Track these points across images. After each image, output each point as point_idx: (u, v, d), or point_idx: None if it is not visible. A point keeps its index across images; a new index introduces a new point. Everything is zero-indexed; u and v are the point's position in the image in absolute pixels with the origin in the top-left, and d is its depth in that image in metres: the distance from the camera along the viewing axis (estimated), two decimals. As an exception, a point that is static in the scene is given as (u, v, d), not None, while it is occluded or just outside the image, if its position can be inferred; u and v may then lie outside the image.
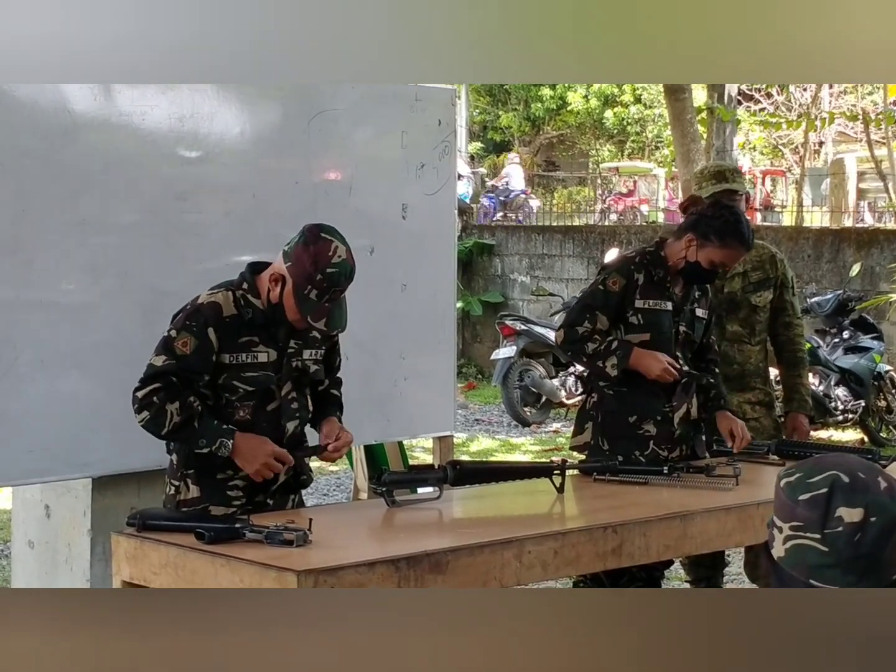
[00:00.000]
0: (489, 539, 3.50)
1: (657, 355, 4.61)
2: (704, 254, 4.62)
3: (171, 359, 3.73)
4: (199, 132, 4.71)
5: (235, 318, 3.79)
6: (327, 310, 3.74)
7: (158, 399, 3.70)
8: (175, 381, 3.73)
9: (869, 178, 18.23)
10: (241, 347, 3.80)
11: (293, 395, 3.90)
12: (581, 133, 26.53)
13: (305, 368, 3.92)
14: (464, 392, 13.31)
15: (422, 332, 5.53)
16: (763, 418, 5.33)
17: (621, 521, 3.75)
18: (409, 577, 3.27)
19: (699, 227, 4.65)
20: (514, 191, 20.75)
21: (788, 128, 15.92)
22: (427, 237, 5.50)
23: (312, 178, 5.05)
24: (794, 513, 1.93)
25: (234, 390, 3.81)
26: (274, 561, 3.18)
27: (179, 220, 4.65)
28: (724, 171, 5.32)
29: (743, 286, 5.30)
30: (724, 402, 4.82)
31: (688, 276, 4.71)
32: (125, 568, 3.51)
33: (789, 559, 1.93)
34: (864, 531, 1.89)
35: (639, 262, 4.73)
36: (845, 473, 1.94)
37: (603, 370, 4.60)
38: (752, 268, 5.32)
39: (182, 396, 3.72)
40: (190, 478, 3.85)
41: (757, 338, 5.34)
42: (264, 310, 3.81)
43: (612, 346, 4.59)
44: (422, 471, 4.17)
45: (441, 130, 5.51)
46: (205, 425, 3.72)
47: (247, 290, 3.82)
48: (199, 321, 3.76)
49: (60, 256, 4.37)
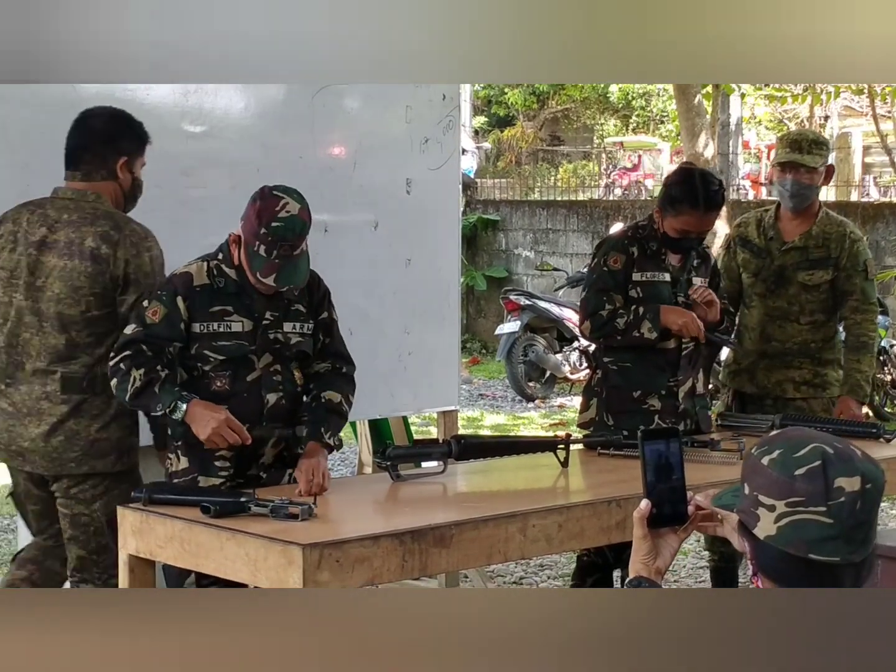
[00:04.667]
0: (493, 513, 3.51)
1: (679, 309, 4.64)
2: (668, 223, 4.66)
3: (139, 326, 3.78)
4: (204, 107, 4.71)
5: (206, 287, 3.83)
6: (277, 266, 3.74)
7: (125, 365, 3.75)
8: (145, 349, 3.76)
9: (874, 152, 18.18)
10: (213, 316, 3.82)
11: (276, 367, 3.89)
12: (586, 107, 26.42)
13: (286, 341, 3.90)
14: (468, 367, 13.31)
15: (426, 307, 5.53)
16: (811, 399, 5.14)
17: (625, 495, 3.75)
18: (413, 550, 3.28)
19: (661, 197, 4.72)
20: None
21: (794, 102, 15.87)
22: (431, 212, 5.50)
23: (317, 153, 5.05)
24: (791, 489, 1.90)
25: (206, 360, 3.83)
26: (279, 534, 3.20)
27: (184, 194, 4.66)
28: (802, 141, 5.06)
29: (797, 261, 5.11)
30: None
31: (669, 247, 4.73)
32: (131, 541, 3.53)
33: (783, 536, 1.91)
34: (863, 499, 1.90)
35: (632, 236, 4.76)
36: (826, 444, 1.93)
37: (641, 337, 4.62)
38: (816, 244, 5.11)
39: (149, 363, 3.75)
40: (179, 449, 3.88)
41: (808, 317, 5.11)
42: (237, 279, 3.84)
43: (640, 313, 4.62)
44: (426, 445, 4.19)
45: (445, 105, 5.51)
46: (165, 391, 3.73)
47: (221, 261, 3.87)
48: (169, 290, 3.81)
49: (65, 231, 4.37)
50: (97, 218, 3.94)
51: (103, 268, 3.90)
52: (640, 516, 2.19)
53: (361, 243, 5.16)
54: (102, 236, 3.91)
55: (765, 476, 1.95)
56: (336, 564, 3.13)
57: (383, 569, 3.24)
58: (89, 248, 3.90)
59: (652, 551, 2.19)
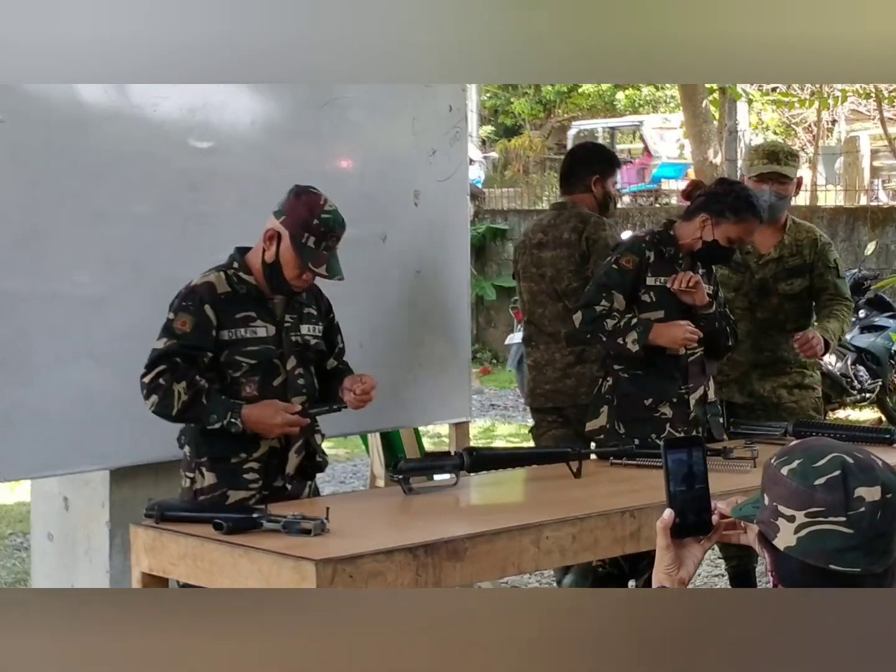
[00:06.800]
0: (507, 525, 3.50)
1: (674, 323, 4.60)
2: (721, 231, 4.62)
3: (172, 339, 3.78)
4: (211, 122, 4.71)
5: (230, 295, 3.85)
6: (325, 257, 3.82)
7: (165, 381, 3.74)
8: (179, 361, 3.77)
9: (883, 155, 18.12)
10: (239, 323, 3.84)
11: (299, 370, 3.93)
12: (592, 115, 26.42)
13: (306, 343, 3.96)
14: (479, 377, 13.30)
15: (436, 318, 5.52)
16: (802, 400, 5.20)
17: (639, 505, 3.74)
18: (426, 564, 3.27)
19: (711, 205, 4.65)
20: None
21: (801, 106, 15.81)
22: (440, 223, 5.50)
23: (324, 166, 5.04)
24: (811, 499, 1.89)
25: (238, 366, 3.84)
26: (292, 550, 3.19)
27: (192, 210, 4.66)
28: (779, 152, 5.19)
29: (776, 272, 5.18)
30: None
31: (706, 256, 4.71)
32: (144, 559, 3.52)
33: (803, 547, 1.89)
34: (884, 509, 1.88)
35: (649, 240, 4.74)
36: (846, 454, 1.92)
37: (624, 346, 4.58)
38: (790, 253, 5.20)
39: (188, 375, 3.75)
40: (204, 466, 3.87)
41: (794, 324, 5.17)
42: (258, 284, 3.87)
43: (631, 322, 4.58)
44: (438, 458, 4.18)
45: (452, 116, 5.50)
46: (214, 401, 3.75)
47: (238, 269, 3.90)
48: (195, 300, 3.82)
49: (74, 248, 4.38)
50: (570, 217, 5.28)
51: (572, 251, 5.21)
52: (664, 526, 2.16)
53: (370, 256, 5.15)
54: (573, 229, 5.23)
55: (784, 486, 1.93)
56: (349, 579, 3.12)
57: (397, 583, 3.22)
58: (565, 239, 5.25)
59: (675, 561, 2.17)
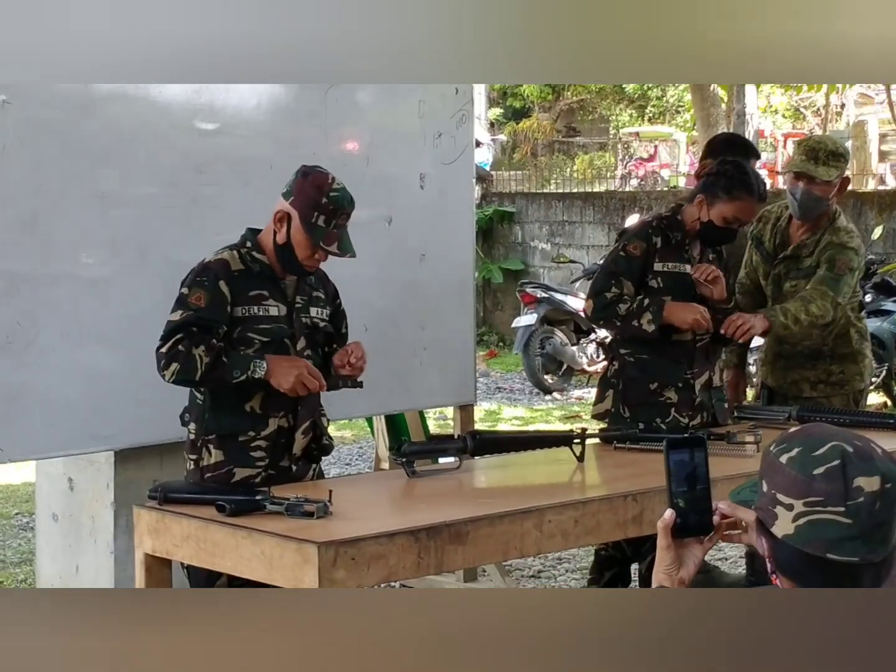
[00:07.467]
0: (509, 509, 3.50)
1: (689, 305, 4.61)
2: (716, 211, 4.63)
3: (187, 311, 3.79)
4: (216, 104, 4.70)
5: (244, 273, 3.87)
6: (336, 235, 3.84)
7: (184, 347, 3.74)
8: (196, 330, 3.77)
9: (891, 140, 18.07)
10: (252, 300, 3.86)
11: (308, 352, 3.94)
12: (601, 98, 26.34)
13: (315, 324, 3.98)
14: (485, 360, 13.30)
15: (441, 301, 5.52)
16: (832, 397, 5.07)
17: (642, 489, 3.74)
18: (429, 547, 3.28)
19: (707, 185, 4.68)
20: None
21: (809, 90, 15.80)
22: (445, 206, 5.49)
23: (329, 148, 5.03)
24: (810, 488, 1.88)
25: (250, 342, 3.85)
26: (294, 533, 3.20)
27: (198, 192, 4.66)
28: (819, 150, 4.88)
29: (787, 271, 5.06)
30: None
31: (705, 237, 4.72)
32: (147, 541, 3.53)
33: (801, 536, 1.89)
34: (883, 499, 1.88)
35: (656, 226, 4.74)
36: (846, 443, 1.91)
37: (639, 328, 4.59)
38: (808, 253, 5.01)
39: (206, 341, 3.76)
40: (211, 443, 3.88)
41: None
42: (271, 264, 3.88)
43: (644, 304, 4.59)
44: (442, 441, 4.18)
45: (458, 99, 5.49)
46: (234, 357, 3.77)
47: (251, 248, 3.91)
48: (209, 276, 3.83)
49: (79, 230, 4.38)
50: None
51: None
52: (664, 526, 2.15)
53: (375, 238, 5.15)
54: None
55: (783, 474, 1.92)
56: (352, 562, 3.13)
57: (399, 566, 3.23)
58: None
59: (675, 562, 2.16)
